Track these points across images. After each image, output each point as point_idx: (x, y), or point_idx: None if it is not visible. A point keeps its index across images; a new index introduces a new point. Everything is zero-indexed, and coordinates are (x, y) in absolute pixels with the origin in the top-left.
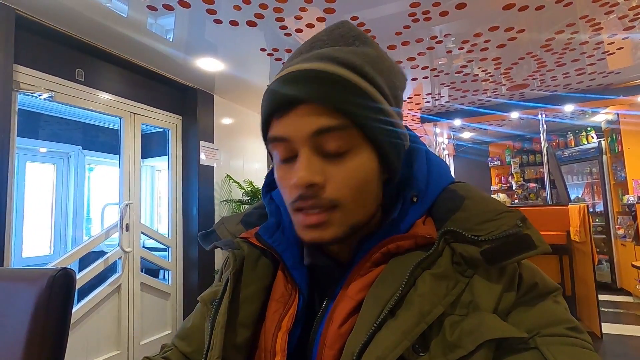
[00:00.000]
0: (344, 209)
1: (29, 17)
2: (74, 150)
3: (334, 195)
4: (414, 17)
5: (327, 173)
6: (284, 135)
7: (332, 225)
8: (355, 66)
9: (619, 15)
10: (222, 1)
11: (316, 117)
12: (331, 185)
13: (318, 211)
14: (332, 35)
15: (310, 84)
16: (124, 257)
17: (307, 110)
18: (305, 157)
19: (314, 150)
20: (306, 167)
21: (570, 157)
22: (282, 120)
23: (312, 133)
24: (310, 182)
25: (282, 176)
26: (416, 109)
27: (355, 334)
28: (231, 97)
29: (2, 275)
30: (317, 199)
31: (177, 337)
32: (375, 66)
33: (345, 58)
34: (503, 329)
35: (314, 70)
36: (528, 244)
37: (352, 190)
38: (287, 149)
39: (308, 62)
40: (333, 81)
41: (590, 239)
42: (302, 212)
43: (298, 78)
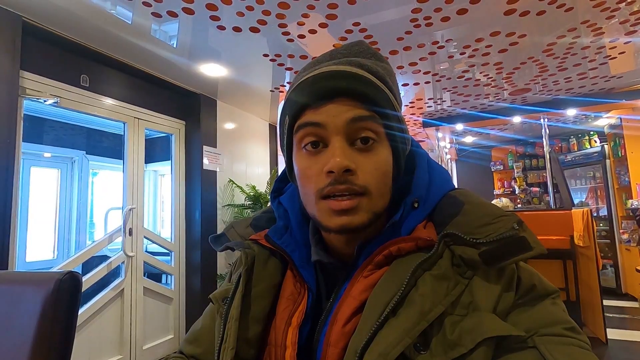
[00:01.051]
0: (371, 196)
1: (36, 24)
2: (78, 155)
3: (365, 182)
4: (415, 23)
5: (357, 162)
6: (321, 122)
7: (361, 211)
8: (379, 75)
9: (620, 19)
10: (225, 8)
11: (352, 108)
12: (361, 172)
13: (349, 197)
14: (352, 50)
15: (348, 81)
16: (127, 261)
17: (344, 102)
18: (340, 145)
19: (346, 139)
20: (342, 153)
21: (573, 162)
22: (318, 109)
23: (348, 120)
24: (346, 167)
25: (308, 166)
26: (418, 113)
27: (359, 333)
28: (234, 102)
29: (9, 279)
30: (350, 184)
31: (185, 342)
32: (391, 78)
33: (371, 67)
34: (502, 327)
35: (349, 71)
36: (524, 246)
37: (377, 179)
38: (319, 135)
39: (340, 65)
40: (367, 82)
41: (594, 243)
42: (332, 198)
43: (336, 75)
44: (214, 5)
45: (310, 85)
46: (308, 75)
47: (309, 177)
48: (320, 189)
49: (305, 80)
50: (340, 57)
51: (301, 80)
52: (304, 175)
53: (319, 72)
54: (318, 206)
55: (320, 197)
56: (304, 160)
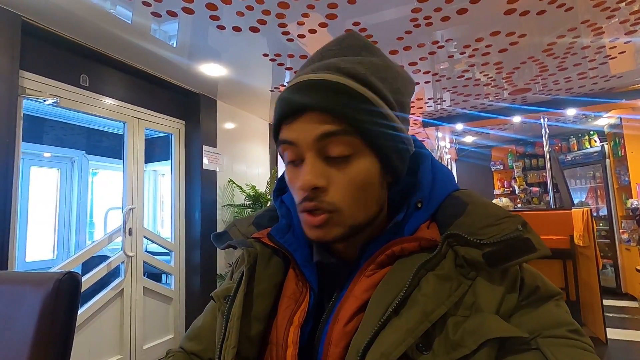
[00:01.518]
0: (344, 211)
1: (35, 23)
2: (78, 155)
3: (335, 198)
4: (415, 23)
5: (330, 177)
6: (292, 140)
7: (334, 226)
8: (359, 76)
9: (620, 19)
10: (225, 7)
11: (320, 123)
12: (333, 188)
13: (320, 212)
14: (341, 46)
15: (316, 93)
16: (127, 261)
17: (312, 117)
18: (310, 162)
19: (319, 155)
20: (310, 171)
21: (573, 161)
22: (290, 125)
23: (316, 138)
24: (314, 186)
25: (291, 178)
26: (418, 113)
27: (361, 332)
28: (234, 102)
29: (8, 279)
30: (319, 201)
31: (186, 338)
32: (380, 75)
33: (350, 68)
34: (505, 328)
35: (320, 80)
36: (528, 248)
37: (352, 193)
38: (295, 152)
39: (315, 73)
40: (337, 90)
41: (594, 243)
42: (307, 212)
43: (306, 87)
44: (213, 4)
45: (283, 100)
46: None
47: (292, 189)
48: (298, 203)
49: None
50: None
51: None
52: (289, 186)
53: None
54: (300, 217)
55: (300, 210)
56: (288, 172)
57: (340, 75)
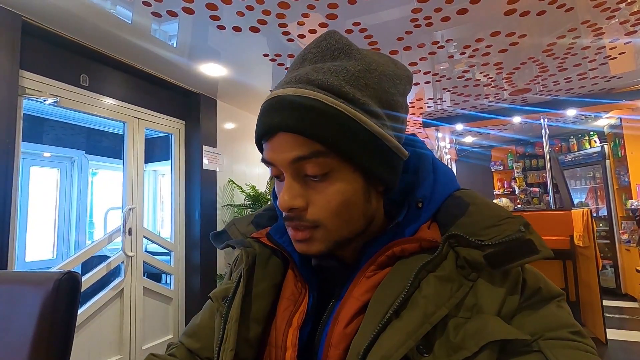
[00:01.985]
0: (325, 228)
1: (35, 23)
2: (78, 154)
3: (315, 217)
4: (415, 23)
5: (308, 196)
6: (270, 160)
7: (316, 241)
8: (332, 87)
9: (620, 20)
10: (225, 7)
11: (293, 146)
12: (312, 207)
13: (302, 229)
14: (320, 48)
15: (287, 113)
16: (127, 261)
17: (285, 139)
18: (287, 183)
19: (295, 175)
20: (287, 191)
21: (573, 162)
22: (268, 144)
23: (290, 161)
24: (291, 207)
25: (277, 191)
26: (418, 113)
27: (361, 334)
28: (234, 102)
29: (8, 279)
30: (299, 219)
31: (185, 335)
32: (359, 82)
33: (322, 80)
34: (506, 330)
35: (290, 99)
36: (531, 249)
37: (332, 211)
38: (276, 170)
39: (289, 86)
40: (307, 108)
41: (594, 243)
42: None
43: (276, 106)
44: (214, 4)
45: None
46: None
47: None
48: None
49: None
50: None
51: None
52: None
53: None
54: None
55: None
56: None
57: (312, 89)
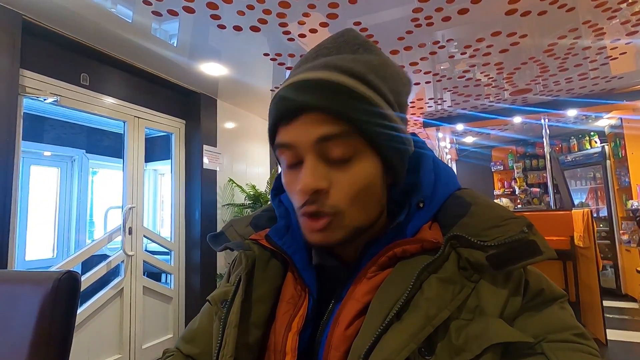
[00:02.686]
0: (347, 214)
1: (36, 22)
2: (78, 153)
3: (337, 201)
4: (416, 23)
5: (331, 179)
6: (290, 142)
7: (336, 229)
8: (358, 74)
9: (621, 20)
10: (226, 7)
11: (320, 124)
12: (335, 190)
13: (322, 216)
14: (337, 43)
15: (315, 93)
16: (127, 260)
17: (311, 118)
18: (310, 164)
19: (319, 156)
20: (311, 173)
21: (574, 162)
22: (288, 127)
23: (316, 140)
24: (315, 188)
25: (289, 181)
26: (418, 113)
27: (362, 337)
28: (234, 101)
29: (8, 278)
30: (321, 204)
31: (182, 340)
32: (379, 73)
33: (349, 66)
34: (509, 333)
35: (319, 79)
36: (534, 250)
37: (355, 195)
38: (293, 155)
39: (313, 71)
40: (337, 90)
41: (594, 244)
42: (308, 217)
43: (303, 87)
44: (214, 4)
45: (279, 101)
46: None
47: (290, 192)
48: (297, 207)
49: (276, 95)
50: (325, 53)
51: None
52: (287, 190)
53: (289, 82)
54: (300, 221)
55: (299, 214)
56: (286, 175)
57: (339, 74)
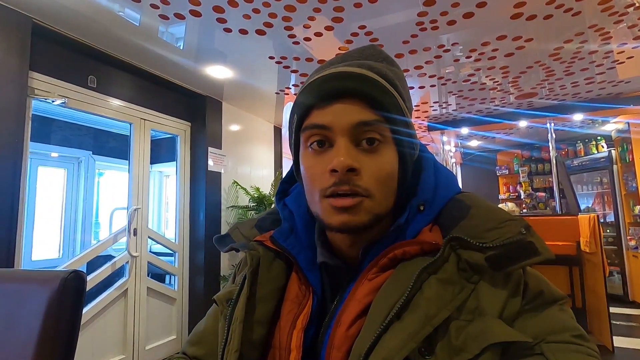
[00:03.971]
0: (373, 198)
1: (45, 25)
2: (85, 155)
3: (367, 183)
4: (421, 26)
5: (361, 163)
6: (326, 124)
7: (362, 211)
8: (389, 78)
9: (628, 24)
10: (232, 10)
11: (358, 110)
12: (365, 174)
13: (352, 196)
14: (363, 54)
15: (356, 82)
16: (131, 261)
17: (350, 104)
18: (345, 144)
19: (351, 140)
20: (346, 153)
21: (580, 167)
22: (325, 110)
23: (354, 124)
24: (350, 166)
25: (312, 164)
26: (423, 117)
27: (363, 337)
28: (239, 104)
29: (14, 277)
30: (353, 184)
31: (188, 343)
32: (401, 82)
33: (381, 70)
34: (508, 333)
35: (358, 73)
36: (532, 251)
37: (381, 181)
38: (324, 136)
39: (350, 67)
40: (374, 84)
41: (600, 249)
42: (335, 197)
43: (344, 76)
44: (220, 7)
45: (319, 85)
46: (319, 76)
47: (314, 175)
48: (324, 188)
49: (314, 81)
50: (352, 60)
51: (310, 81)
52: (309, 173)
53: (328, 72)
54: (321, 204)
55: (323, 195)
56: (309, 158)
57: (374, 73)
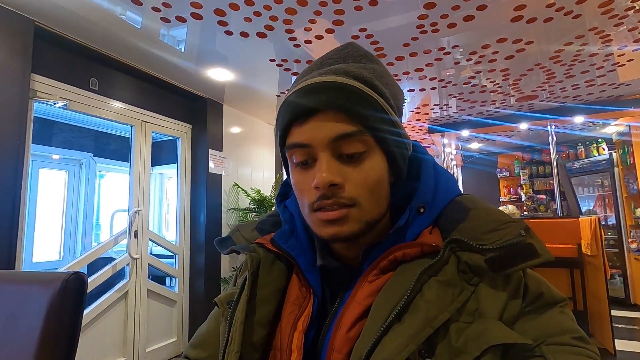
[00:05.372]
0: (360, 207)
1: (47, 28)
2: (86, 157)
3: (352, 194)
4: (422, 29)
5: (345, 175)
6: (305, 142)
7: (350, 221)
8: (366, 80)
9: (628, 27)
10: (233, 13)
11: (335, 123)
12: (349, 185)
13: (337, 208)
14: (342, 54)
15: (329, 94)
16: (132, 263)
17: (326, 118)
18: (326, 160)
19: (333, 154)
20: (327, 168)
21: (581, 169)
22: (303, 127)
23: (332, 138)
24: (332, 182)
25: (300, 180)
26: (424, 119)
27: (363, 338)
28: (240, 106)
29: (16, 278)
30: (337, 197)
31: (190, 347)
32: (382, 80)
33: (357, 72)
34: (508, 335)
35: (332, 82)
36: (531, 253)
37: (367, 189)
38: (305, 154)
39: (325, 76)
40: (349, 92)
41: (602, 252)
42: (322, 210)
43: (317, 89)
44: (222, 10)
45: (293, 102)
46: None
47: (302, 191)
48: (312, 202)
49: (290, 96)
50: (330, 63)
51: (287, 96)
52: (298, 189)
53: (302, 86)
54: (311, 217)
55: (312, 209)
56: (296, 175)
57: (348, 78)
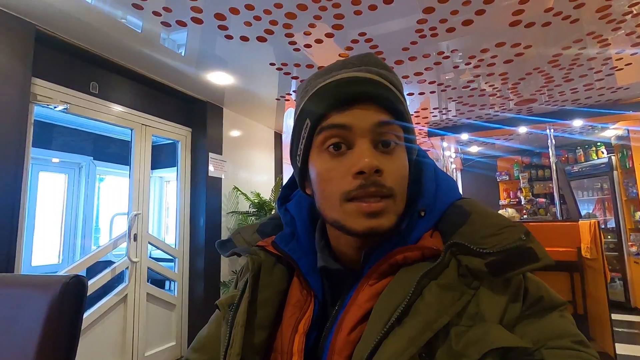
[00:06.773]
0: (395, 199)
1: (48, 32)
2: (86, 160)
3: (391, 184)
4: (421, 33)
5: (382, 164)
6: (347, 123)
7: (389, 214)
8: (395, 84)
9: (626, 31)
10: (233, 17)
11: (377, 112)
12: (387, 174)
13: (379, 199)
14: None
15: (371, 87)
16: (131, 267)
17: (369, 106)
18: (368, 146)
19: (371, 141)
20: (371, 154)
21: (580, 173)
22: (345, 112)
23: (374, 124)
24: (377, 167)
25: (331, 167)
26: (423, 122)
27: (364, 342)
28: (240, 110)
29: (16, 282)
30: (379, 185)
31: (191, 350)
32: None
33: (388, 76)
34: (508, 338)
35: (370, 78)
36: (531, 257)
37: (400, 182)
38: (343, 137)
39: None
40: (387, 89)
41: (602, 256)
42: (359, 200)
43: (360, 81)
44: (222, 15)
45: (335, 89)
46: (330, 80)
47: (332, 179)
48: (347, 191)
49: (328, 84)
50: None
51: (323, 84)
52: (327, 177)
53: (341, 77)
54: (343, 209)
55: (346, 199)
56: (326, 162)
57: (382, 79)
